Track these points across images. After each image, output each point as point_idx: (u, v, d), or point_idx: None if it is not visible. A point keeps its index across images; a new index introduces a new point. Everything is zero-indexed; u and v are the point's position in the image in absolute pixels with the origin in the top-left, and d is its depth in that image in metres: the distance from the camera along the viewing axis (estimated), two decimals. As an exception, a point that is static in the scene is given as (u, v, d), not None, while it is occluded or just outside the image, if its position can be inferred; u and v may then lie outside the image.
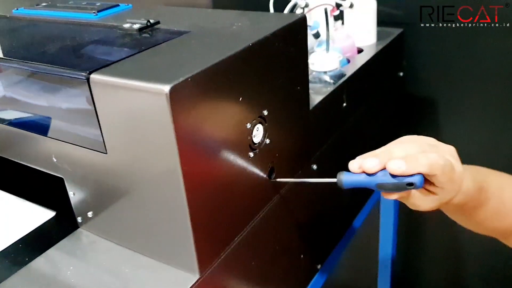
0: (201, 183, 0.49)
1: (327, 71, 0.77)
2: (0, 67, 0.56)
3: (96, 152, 0.51)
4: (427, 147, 0.53)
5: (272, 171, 0.61)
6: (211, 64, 0.46)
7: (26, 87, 0.55)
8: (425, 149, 0.52)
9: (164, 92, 0.41)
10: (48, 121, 0.55)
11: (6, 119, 0.60)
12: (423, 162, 0.50)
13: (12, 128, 0.60)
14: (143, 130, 0.46)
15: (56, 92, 0.52)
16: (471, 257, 1.28)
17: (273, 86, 0.57)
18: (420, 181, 0.50)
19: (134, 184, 0.51)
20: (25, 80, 0.54)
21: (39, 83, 0.53)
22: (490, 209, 0.60)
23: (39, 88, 0.53)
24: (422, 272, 1.39)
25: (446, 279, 1.37)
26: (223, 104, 0.49)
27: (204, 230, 0.51)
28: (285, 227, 0.68)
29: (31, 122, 0.57)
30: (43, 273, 0.54)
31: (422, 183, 0.50)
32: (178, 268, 0.52)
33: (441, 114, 1.13)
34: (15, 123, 0.59)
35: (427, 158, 0.50)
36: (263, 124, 0.57)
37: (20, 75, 0.55)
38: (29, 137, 0.59)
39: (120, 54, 0.51)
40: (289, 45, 0.58)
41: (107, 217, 0.57)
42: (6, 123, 0.61)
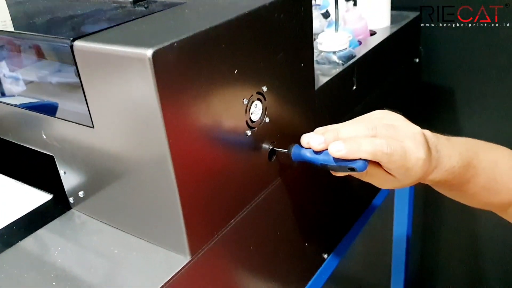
0: (192, 161, 0.46)
1: (336, 51, 0.74)
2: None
3: (84, 127, 0.49)
4: (382, 129, 0.50)
5: (273, 152, 0.58)
6: (200, 30, 0.43)
7: (11, 60, 0.53)
8: (378, 132, 0.49)
9: (147, 57, 0.39)
10: (35, 94, 0.53)
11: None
12: (364, 149, 0.47)
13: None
14: (128, 101, 0.43)
15: (42, 63, 0.50)
16: (490, 254, 1.23)
17: (273, 61, 0.54)
18: (362, 167, 0.48)
19: (122, 162, 0.48)
20: (9, 53, 0.52)
21: (25, 55, 0.51)
22: (480, 184, 0.58)
23: (24, 60, 0.51)
24: (438, 269, 1.34)
25: (464, 277, 1.32)
26: (215, 76, 0.46)
27: (196, 211, 0.48)
28: (287, 212, 0.64)
29: (18, 97, 0.55)
30: (30, 253, 0.52)
31: (364, 168, 0.48)
32: (169, 250, 0.50)
33: (461, 104, 1.09)
34: (2, 99, 0.58)
35: (371, 145, 0.48)
36: (262, 101, 0.53)
37: (4, 48, 0.53)
38: (18, 113, 0.57)
39: (108, 24, 0.48)
40: (291, 18, 0.55)
41: (98, 197, 0.54)
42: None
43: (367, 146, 0.48)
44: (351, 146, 0.48)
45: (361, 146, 0.48)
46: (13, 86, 0.55)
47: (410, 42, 0.99)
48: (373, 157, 0.48)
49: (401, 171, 0.50)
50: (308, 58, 0.61)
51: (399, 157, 0.49)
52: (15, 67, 0.53)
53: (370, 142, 0.48)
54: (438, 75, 1.09)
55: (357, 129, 0.50)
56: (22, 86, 0.54)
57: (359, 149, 0.48)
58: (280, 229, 0.63)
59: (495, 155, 0.60)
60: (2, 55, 0.54)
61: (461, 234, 1.25)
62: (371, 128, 0.50)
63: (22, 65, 0.52)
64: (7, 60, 0.54)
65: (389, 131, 0.50)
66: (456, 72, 1.06)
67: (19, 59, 0.52)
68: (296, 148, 0.55)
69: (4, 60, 0.54)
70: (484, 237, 1.21)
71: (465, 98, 1.08)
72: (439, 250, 1.31)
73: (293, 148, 0.55)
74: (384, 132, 0.50)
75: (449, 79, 1.08)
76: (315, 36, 0.77)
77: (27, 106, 0.55)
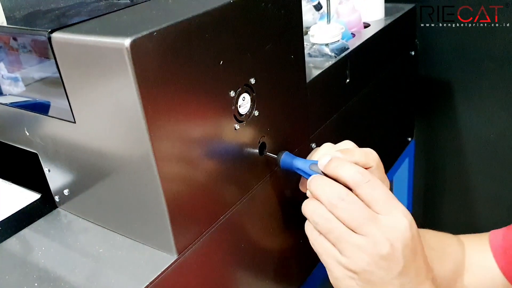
0: (177, 156, 0.44)
1: (329, 44, 0.72)
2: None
3: (66, 122, 0.47)
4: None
5: (263, 146, 0.56)
6: (182, 19, 0.41)
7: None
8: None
9: (124, 47, 0.37)
10: (16, 90, 0.51)
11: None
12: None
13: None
14: (108, 95, 0.42)
15: (21, 57, 0.48)
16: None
17: (261, 52, 0.52)
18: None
19: (105, 158, 0.47)
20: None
21: (3, 49, 0.49)
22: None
23: (3, 55, 0.50)
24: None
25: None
26: (200, 67, 0.44)
27: (182, 208, 0.46)
28: (280, 209, 0.63)
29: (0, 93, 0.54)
30: (12, 253, 0.51)
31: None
32: (155, 248, 0.48)
33: (458, 98, 1.08)
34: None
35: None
36: (250, 94, 0.52)
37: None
38: (0, 110, 0.55)
39: (89, 16, 0.47)
40: (279, 7, 0.53)
41: (83, 196, 0.53)
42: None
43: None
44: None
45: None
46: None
47: (406, 35, 0.98)
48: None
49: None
50: (298, 50, 0.59)
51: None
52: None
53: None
54: (434, 68, 1.07)
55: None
56: (2, 82, 0.53)
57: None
58: (272, 226, 0.62)
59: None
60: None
61: (461, 231, 1.23)
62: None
63: (1, 60, 0.51)
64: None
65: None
66: (452, 66, 1.05)
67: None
68: (286, 156, 0.55)
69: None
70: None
71: (462, 91, 1.06)
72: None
73: (282, 155, 0.56)
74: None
75: (445, 73, 1.06)
76: (307, 28, 0.75)
77: (9, 103, 0.53)
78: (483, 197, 1.16)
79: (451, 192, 1.21)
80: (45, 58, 0.44)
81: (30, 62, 0.47)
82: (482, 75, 1.02)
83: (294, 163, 0.55)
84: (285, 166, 0.56)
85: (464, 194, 1.18)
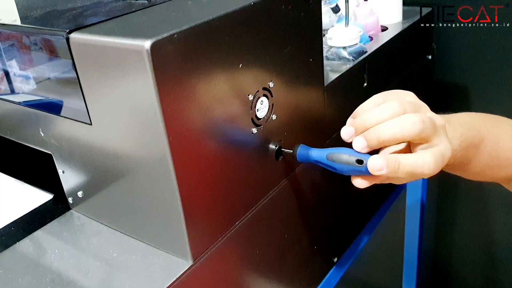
0: (194, 159, 0.43)
1: (346, 47, 0.71)
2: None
3: (81, 124, 0.47)
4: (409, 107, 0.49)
5: (279, 152, 0.55)
6: (202, 21, 0.40)
7: (7, 55, 0.51)
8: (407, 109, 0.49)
9: (145, 49, 0.36)
10: (32, 90, 0.50)
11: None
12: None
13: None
14: (126, 96, 0.41)
15: (39, 57, 0.48)
16: (506, 259, 1.19)
17: (280, 55, 0.51)
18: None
19: (121, 160, 0.46)
20: (5, 47, 0.50)
21: (22, 49, 0.49)
22: (482, 163, 0.57)
23: (21, 55, 0.49)
24: (451, 274, 1.31)
25: (478, 282, 1.28)
26: (219, 70, 0.43)
27: (198, 212, 0.45)
28: (295, 214, 0.62)
29: (16, 93, 0.53)
30: (25, 255, 0.50)
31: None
32: (170, 253, 0.47)
33: (474, 102, 1.06)
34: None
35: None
36: (268, 97, 0.51)
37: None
38: (15, 109, 0.55)
39: (107, 16, 0.46)
40: (299, 10, 0.52)
41: (97, 198, 0.52)
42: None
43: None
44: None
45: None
46: (10, 82, 0.53)
47: (423, 39, 0.96)
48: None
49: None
50: (317, 53, 0.58)
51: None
52: (12, 62, 0.51)
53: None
54: (451, 72, 1.06)
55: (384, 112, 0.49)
56: (19, 82, 0.52)
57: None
58: (287, 231, 0.61)
59: (498, 131, 0.58)
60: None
61: (475, 238, 1.21)
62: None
63: (19, 60, 0.50)
64: (3, 55, 0.52)
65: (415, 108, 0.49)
66: (469, 70, 1.03)
67: (16, 54, 0.50)
68: (302, 149, 0.52)
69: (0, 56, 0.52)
70: (499, 241, 1.17)
71: (479, 96, 1.05)
72: (452, 255, 1.27)
73: (298, 148, 0.53)
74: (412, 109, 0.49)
75: (462, 77, 1.05)
76: (324, 31, 0.74)
77: (25, 103, 0.53)
78: (498, 203, 1.14)
79: (466, 197, 1.19)
80: (62, 58, 0.44)
81: (47, 62, 0.47)
82: (499, 79, 1.00)
83: (311, 154, 0.52)
84: (302, 159, 0.53)
85: (479, 199, 1.17)
